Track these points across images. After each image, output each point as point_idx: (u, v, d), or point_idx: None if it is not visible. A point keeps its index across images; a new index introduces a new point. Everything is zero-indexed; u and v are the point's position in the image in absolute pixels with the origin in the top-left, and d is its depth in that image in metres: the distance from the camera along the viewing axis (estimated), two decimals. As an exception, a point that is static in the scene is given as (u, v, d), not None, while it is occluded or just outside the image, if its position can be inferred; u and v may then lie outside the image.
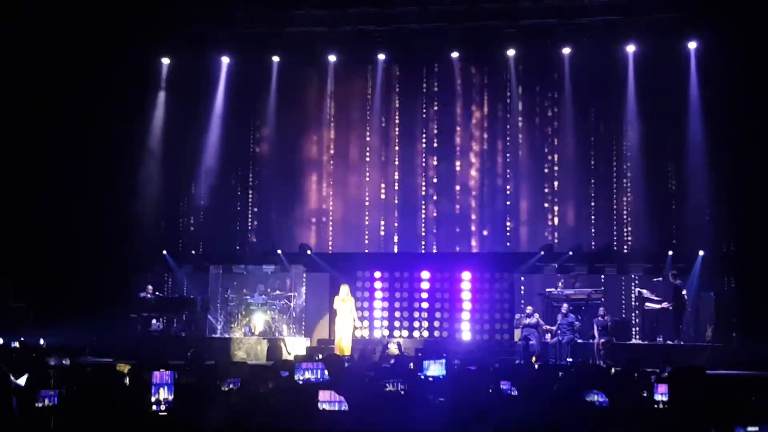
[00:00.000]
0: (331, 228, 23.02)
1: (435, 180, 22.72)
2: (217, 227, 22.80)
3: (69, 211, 20.50)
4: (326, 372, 7.38)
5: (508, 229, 22.34)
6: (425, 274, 21.27)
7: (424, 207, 22.70)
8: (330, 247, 22.86)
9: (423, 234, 22.65)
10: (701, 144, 20.55)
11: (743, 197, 19.78)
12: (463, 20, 21.28)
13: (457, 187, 22.63)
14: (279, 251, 21.60)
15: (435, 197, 22.68)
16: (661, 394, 7.74)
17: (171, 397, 6.68)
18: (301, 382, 7.45)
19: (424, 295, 21.08)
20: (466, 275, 21.11)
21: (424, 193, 22.74)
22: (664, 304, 18.84)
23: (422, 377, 9.26)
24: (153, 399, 6.64)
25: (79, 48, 20.15)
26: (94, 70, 20.29)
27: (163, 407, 6.65)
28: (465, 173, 22.64)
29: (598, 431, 6.68)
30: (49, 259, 20.16)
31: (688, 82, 20.79)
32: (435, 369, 9.51)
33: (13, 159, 20.11)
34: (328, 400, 6.32)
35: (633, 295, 20.21)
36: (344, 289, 18.91)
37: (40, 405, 7.28)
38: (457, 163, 22.67)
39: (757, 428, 4.63)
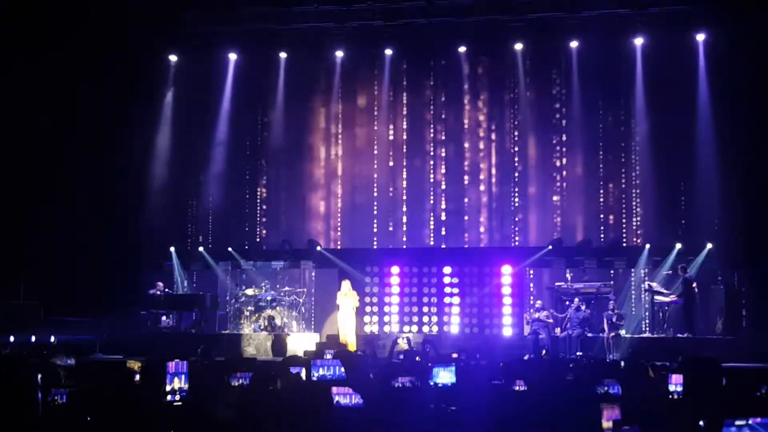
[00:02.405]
0: (339, 223, 23.03)
1: (443, 175, 22.70)
2: (226, 224, 22.83)
3: (79, 209, 20.53)
4: (342, 369, 7.34)
5: (516, 222, 22.31)
6: (433, 269, 21.20)
7: (432, 201, 22.69)
8: (339, 243, 22.87)
9: (431, 228, 22.65)
10: (710, 136, 20.49)
11: (753, 189, 19.72)
12: (470, 14, 21.26)
13: (466, 182, 22.61)
14: (288, 247, 21.59)
15: (443, 192, 22.67)
16: (675, 384, 7.68)
17: (186, 387, 6.67)
18: (315, 379, 7.43)
19: (433, 290, 21.02)
20: (475, 270, 21.06)
21: (432, 188, 22.72)
22: (673, 297, 18.79)
23: (431, 384, 8.93)
24: (168, 389, 6.63)
25: (86, 45, 20.20)
26: (101, 67, 20.31)
27: (178, 397, 6.63)
28: (473, 168, 22.62)
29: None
30: (60, 256, 20.19)
31: (697, 74, 20.72)
32: (445, 376, 8.97)
33: (22, 157, 20.19)
34: (343, 393, 6.30)
35: (643, 289, 20.12)
36: (346, 285, 18.92)
37: (51, 404, 7.28)
38: (466, 157, 22.65)
39: (744, 422, 4.60)
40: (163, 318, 20.13)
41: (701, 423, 5.41)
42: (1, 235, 19.82)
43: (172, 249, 21.69)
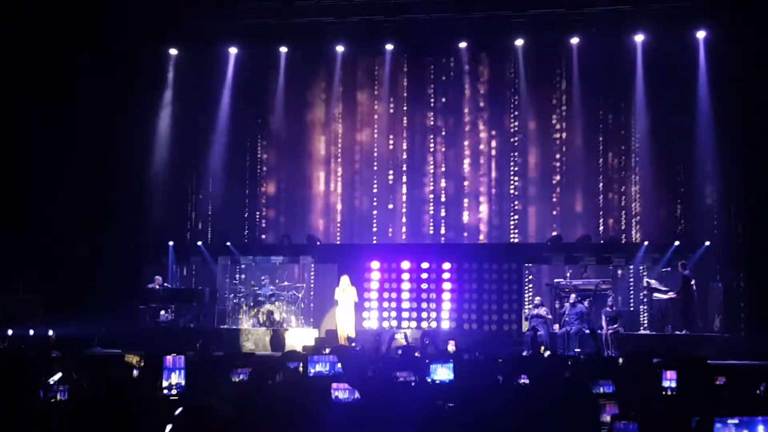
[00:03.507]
0: (339, 218, 23.04)
1: (443, 170, 22.73)
2: (226, 218, 22.83)
3: (78, 204, 20.51)
4: (338, 365, 7.34)
5: (515, 219, 22.32)
6: (432, 265, 21.11)
7: (432, 196, 22.71)
8: (338, 238, 22.87)
9: (431, 224, 22.67)
10: (710, 134, 20.49)
11: (753, 187, 19.72)
12: (471, 10, 21.26)
13: (465, 177, 22.63)
14: (287, 242, 21.60)
15: (443, 187, 22.69)
16: (669, 380, 7.70)
17: (183, 382, 6.68)
18: (312, 375, 7.42)
19: (432, 286, 20.93)
20: (474, 266, 20.98)
21: (432, 183, 22.74)
22: (671, 294, 18.79)
23: (429, 381, 8.88)
24: (165, 383, 6.62)
25: (85, 40, 20.18)
26: (101, 62, 20.29)
27: (174, 391, 6.64)
28: (473, 163, 22.65)
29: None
30: (59, 251, 20.19)
31: (697, 71, 20.71)
32: (442, 373, 8.85)
33: (21, 152, 20.19)
34: (342, 389, 6.29)
35: (643, 286, 20.13)
36: (344, 280, 18.89)
37: (52, 400, 7.28)
38: (465, 153, 22.68)
39: (737, 420, 4.66)
40: (162, 312, 20.13)
41: (693, 420, 5.44)
42: (1, 229, 19.82)
43: (171, 244, 21.67)
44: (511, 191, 22.39)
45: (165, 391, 6.66)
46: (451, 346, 16.43)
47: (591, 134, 21.91)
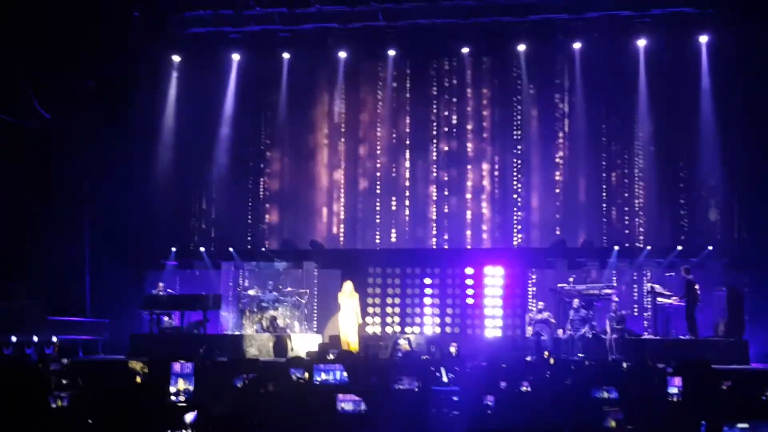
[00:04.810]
0: (342, 224, 23.02)
1: (446, 175, 22.71)
2: (229, 224, 22.82)
3: (81, 208, 20.53)
4: (345, 374, 7.31)
5: (518, 224, 22.29)
6: (436, 270, 21.10)
7: (435, 202, 22.69)
8: (341, 243, 22.86)
9: (434, 230, 22.65)
10: (713, 138, 20.48)
11: (756, 191, 19.70)
12: (473, 16, 21.26)
13: (468, 183, 22.62)
14: (290, 247, 21.60)
15: (446, 193, 22.68)
16: (675, 386, 7.68)
17: (191, 388, 6.64)
18: (318, 383, 7.39)
19: (436, 291, 20.91)
20: (477, 271, 20.96)
21: (435, 188, 22.73)
22: (675, 299, 18.76)
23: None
24: (173, 390, 6.59)
25: (88, 45, 20.19)
26: (105, 66, 20.31)
27: (182, 398, 6.61)
28: (476, 168, 22.63)
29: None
30: (62, 256, 20.18)
31: (700, 76, 20.71)
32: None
33: (24, 155, 20.21)
34: (348, 400, 6.26)
35: (645, 290, 20.10)
36: (348, 285, 18.87)
37: (54, 406, 7.27)
38: (468, 158, 22.66)
39: (747, 425, 4.63)
40: (165, 318, 20.11)
41: (702, 424, 5.43)
42: (3, 234, 19.82)
43: (174, 249, 21.68)
44: (514, 195, 22.34)
45: (173, 397, 6.63)
46: (452, 348, 16.47)
47: (594, 139, 21.87)
